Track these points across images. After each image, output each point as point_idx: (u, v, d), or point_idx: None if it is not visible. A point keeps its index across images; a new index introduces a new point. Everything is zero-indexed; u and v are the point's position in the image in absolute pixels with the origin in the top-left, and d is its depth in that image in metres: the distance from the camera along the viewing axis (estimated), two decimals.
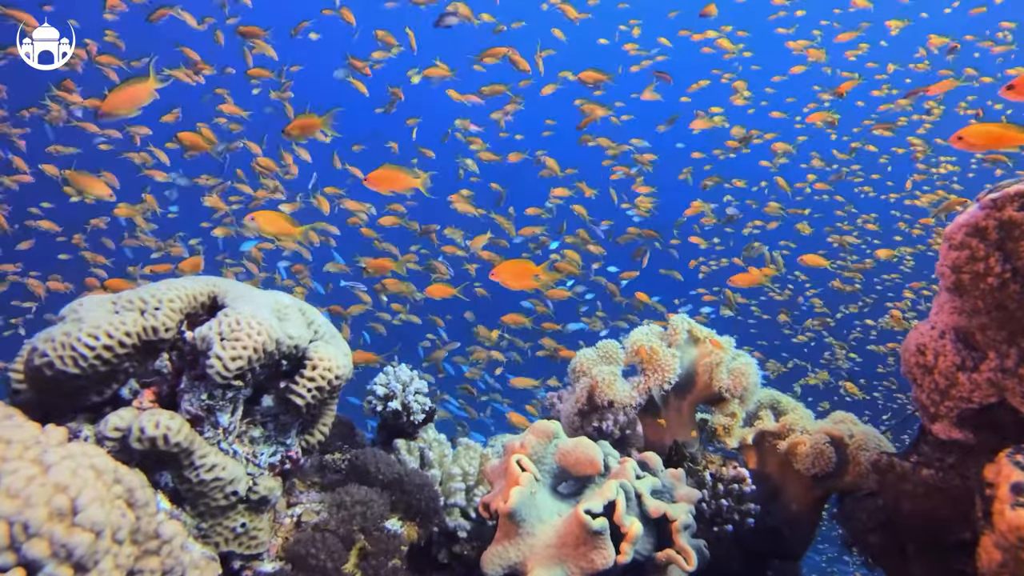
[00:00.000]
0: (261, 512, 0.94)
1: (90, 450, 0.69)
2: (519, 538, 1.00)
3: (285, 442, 0.98)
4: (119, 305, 0.91)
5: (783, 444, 1.50)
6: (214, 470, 0.87)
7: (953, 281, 1.01)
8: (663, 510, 1.04)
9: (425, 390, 1.39)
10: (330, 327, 1.09)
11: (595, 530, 0.94)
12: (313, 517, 1.02)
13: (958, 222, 1.00)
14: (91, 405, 0.88)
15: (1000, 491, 0.82)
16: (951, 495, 1.05)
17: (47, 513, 0.60)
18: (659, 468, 1.18)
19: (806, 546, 1.52)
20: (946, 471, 1.07)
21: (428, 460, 1.34)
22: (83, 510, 0.62)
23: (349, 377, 1.03)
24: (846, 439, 1.41)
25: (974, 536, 0.88)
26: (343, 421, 1.36)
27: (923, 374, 1.09)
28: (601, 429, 1.49)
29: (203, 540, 0.88)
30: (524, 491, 1.01)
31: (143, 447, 0.82)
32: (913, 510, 1.09)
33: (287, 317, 0.99)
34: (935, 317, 1.10)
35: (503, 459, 1.15)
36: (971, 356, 1.03)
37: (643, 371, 1.50)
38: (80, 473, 0.65)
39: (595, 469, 1.09)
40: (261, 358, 0.89)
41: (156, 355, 0.92)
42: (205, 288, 0.98)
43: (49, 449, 0.66)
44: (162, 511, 0.83)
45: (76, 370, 0.84)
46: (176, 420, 0.84)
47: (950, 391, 1.05)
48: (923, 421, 1.13)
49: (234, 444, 0.92)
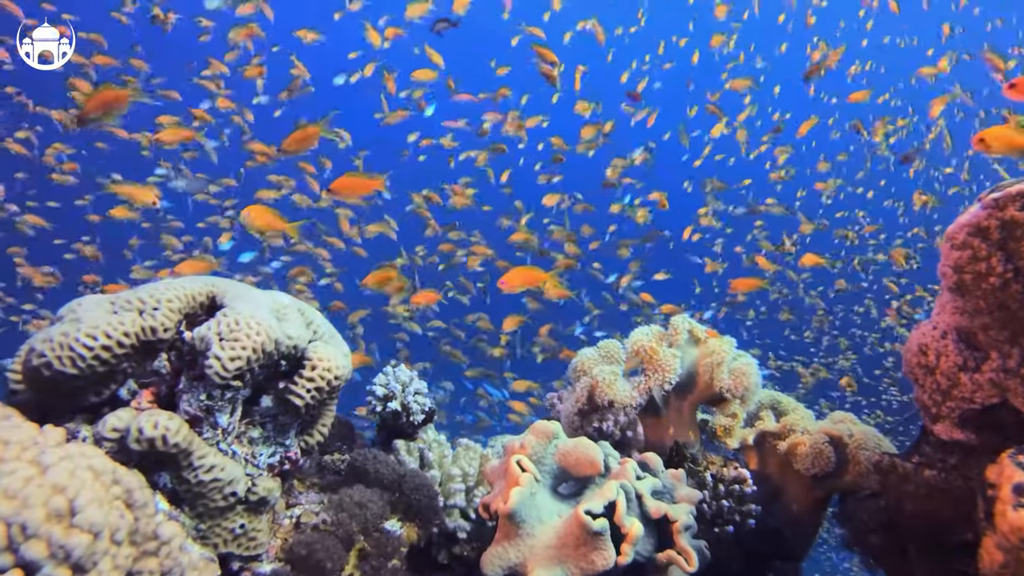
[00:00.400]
0: (260, 513, 0.94)
1: (88, 451, 0.69)
2: (519, 539, 1.00)
3: (284, 443, 0.98)
4: (117, 305, 0.91)
5: (783, 445, 1.50)
6: (213, 471, 0.87)
7: (955, 281, 1.01)
8: (664, 511, 1.04)
9: (425, 391, 1.39)
10: (329, 327, 1.09)
11: (595, 531, 0.94)
12: (312, 518, 1.02)
13: (960, 222, 1.00)
14: (89, 406, 0.88)
15: (1002, 492, 0.82)
16: (953, 496, 1.05)
17: (45, 514, 0.60)
18: (660, 469, 1.19)
19: (808, 547, 1.52)
20: (948, 472, 1.07)
21: (428, 461, 1.35)
22: (81, 511, 0.62)
23: (348, 377, 1.03)
24: (845, 439, 1.41)
25: (976, 537, 0.88)
26: (342, 421, 1.36)
27: (925, 374, 1.10)
28: (601, 429, 1.49)
29: (202, 541, 0.88)
30: (524, 492, 1.01)
31: (142, 448, 0.82)
32: (915, 511, 1.09)
33: (286, 317, 0.99)
34: (937, 317, 1.10)
35: (503, 460, 1.15)
36: (973, 356, 1.03)
37: (644, 371, 1.50)
38: (78, 474, 0.65)
39: (595, 470, 1.09)
40: (260, 358, 0.89)
41: (155, 355, 0.93)
42: (204, 288, 0.98)
43: (47, 450, 0.66)
44: (161, 512, 0.83)
45: (74, 370, 0.84)
46: (175, 421, 0.85)
47: (952, 392, 1.05)
48: (925, 422, 1.13)
49: (233, 445, 0.92)
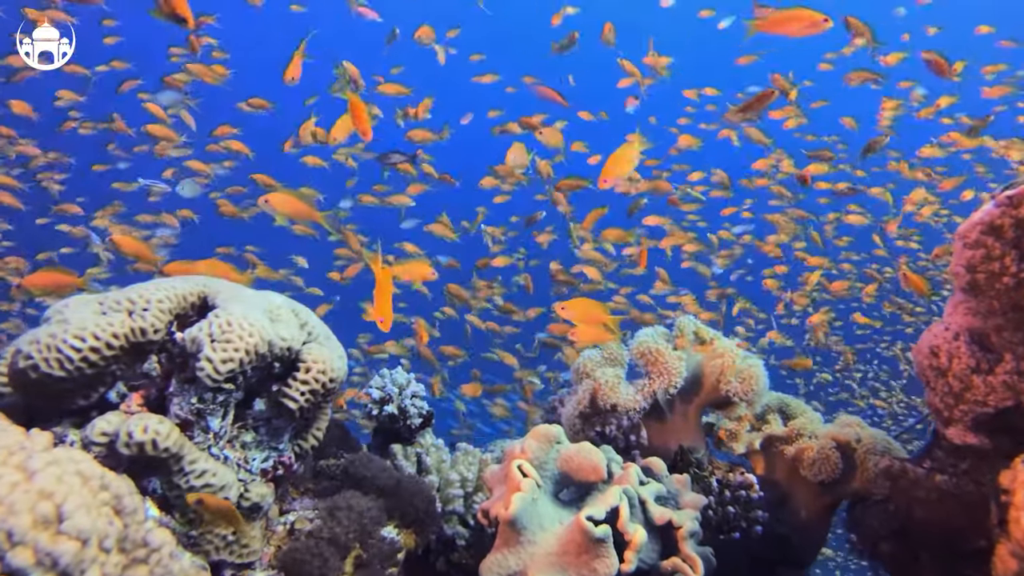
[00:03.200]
0: (253, 519, 0.94)
1: (76, 455, 0.69)
2: (519, 546, 1.00)
3: (278, 447, 0.98)
4: (106, 306, 0.91)
5: (791, 449, 1.50)
6: (204, 476, 0.87)
7: (968, 281, 1.00)
8: (668, 517, 1.04)
9: (423, 393, 1.39)
10: (324, 328, 1.08)
11: (598, 537, 0.93)
12: (307, 524, 1.02)
13: (973, 220, 1.00)
14: (77, 409, 0.88)
15: (1016, 498, 0.81)
16: (965, 502, 1.05)
17: (32, 520, 0.60)
18: (664, 474, 1.18)
19: (815, 554, 1.52)
20: (960, 477, 1.07)
21: (425, 466, 1.34)
22: (69, 517, 0.62)
23: (343, 380, 1.03)
24: (853, 443, 1.41)
25: (989, 544, 0.88)
26: (338, 425, 1.36)
27: (936, 377, 1.09)
28: (604, 434, 1.49)
29: (193, 548, 0.88)
30: (526, 497, 1.01)
31: (131, 452, 0.82)
32: (926, 517, 1.09)
33: (279, 318, 0.99)
34: (949, 318, 1.10)
35: (503, 464, 1.15)
36: (986, 358, 1.03)
37: (648, 374, 1.50)
38: (66, 479, 0.65)
39: (598, 476, 1.09)
40: (253, 360, 0.89)
41: (144, 357, 0.92)
42: (195, 288, 0.98)
43: (34, 454, 0.66)
44: (151, 518, 0.83)
45: (62, 373, 0.83)
46: (165, 424, 0.84)
47: (964, 394, 1.05)
48: (936, 425, 1.13)
49: (225, 449, 0.92)
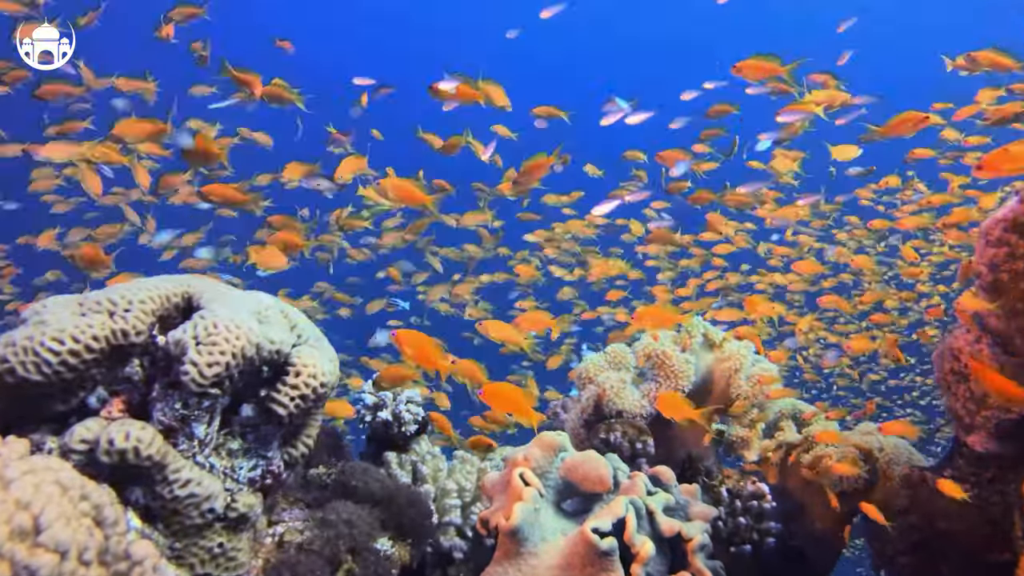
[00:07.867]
0: (240, 531, 0.94)
1: (55, 464, 0.69)
2: (520, 558, 1.00)
3: (266, 455, 0.98)
4: (86, 307, 0.90)
5: (807, 457, 1.49)
6: (189, 485, 0.87)
7: (990, 280, 1.00)
8: (677, 528, 1.04)
9: (418, 399, 1.39)
10: (315, 331, 1.08)
11: (603, 550, 0.93)
12: (296, 536, 1.01)
13: (996, 217, 1.00)
14: (56, 415, 0.88)
15: None
16: (988, 513, 1.04)
17: (8, 532, 0.60)
18: (672, 483, 1.18)
19: (831, 568, 1.52)
20: (983, 487, 1.07)
21: (421, 475, 1.34)
22: (47, 529, 0.62)
23: (335, 384, 1.02)
24: (875, 452, 1.41)
25: (1014, 557, 0.88)
26: (329, 432, 1.36)
27: (958, 381, 1.09)
28: (609, 441, 1.49)
29: (177, 561, 0.88)
30: (528, 507, 1.00)
31: (112, 460, 0.82)
32: (947, 529, 1.09)
33: (268, 320, 0.99)
34: (970, 320, 1.10)
35: (504, 472, 1.14)
36: (1010, 362, 1.03)
37: (655, 378, 1.50)
38: (44, 489, 0.65)
39: (604, 486, 1.08)
40: (240, 364, 0.89)
41: (126, 361, 0.92)
42: (179, 288, 0.98)
43: (10, 463, 0.66)
44: (133, 530, 0.83)
45: (39, 377, 0.83)
46: (148, 431, 0.84)
47: (987, 400, 1.05)
48: (957, 432, 1.13)
49: (211, 457, 0.91)
